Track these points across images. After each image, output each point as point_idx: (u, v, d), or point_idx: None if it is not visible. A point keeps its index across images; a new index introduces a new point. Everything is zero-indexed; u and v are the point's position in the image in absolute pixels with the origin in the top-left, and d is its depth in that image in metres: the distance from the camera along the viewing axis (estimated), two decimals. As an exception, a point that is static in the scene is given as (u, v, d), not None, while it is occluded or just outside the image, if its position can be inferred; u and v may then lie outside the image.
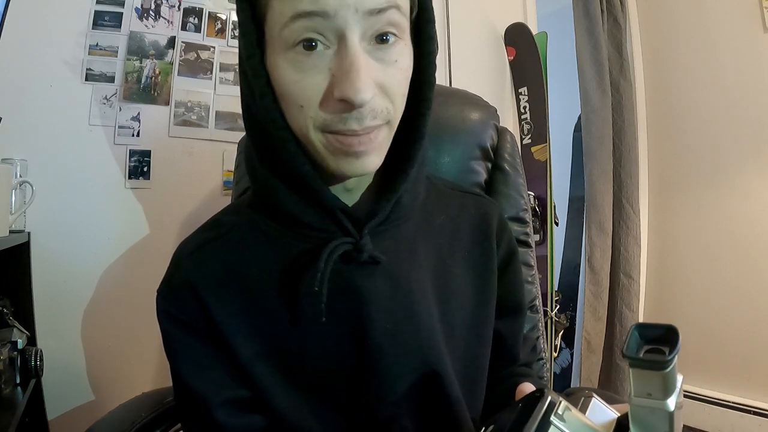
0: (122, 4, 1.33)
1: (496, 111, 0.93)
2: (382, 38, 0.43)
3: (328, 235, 0.51)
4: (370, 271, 0.51)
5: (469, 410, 0.55)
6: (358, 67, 0.41)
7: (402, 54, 0.45)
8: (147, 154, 1.36)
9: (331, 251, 0.48)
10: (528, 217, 0.88)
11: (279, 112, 0.46)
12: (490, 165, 0.88)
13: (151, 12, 1.37)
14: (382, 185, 0.53)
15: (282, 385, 0.51)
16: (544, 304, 1.67)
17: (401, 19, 0.44)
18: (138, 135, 1.35)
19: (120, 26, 1.33)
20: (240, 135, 1.43)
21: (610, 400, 0.37)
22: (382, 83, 0.44)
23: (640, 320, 2.00)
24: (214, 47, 1.43)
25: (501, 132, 0.89)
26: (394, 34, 0.43)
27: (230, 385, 0.51)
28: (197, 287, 0.51)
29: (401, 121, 0.48)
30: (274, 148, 0.48)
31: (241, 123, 1.45)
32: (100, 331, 1.31)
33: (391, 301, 0.51)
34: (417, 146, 0.50)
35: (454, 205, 0.61)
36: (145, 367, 1.35)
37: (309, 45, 0.42)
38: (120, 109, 1.33)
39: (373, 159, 0.47)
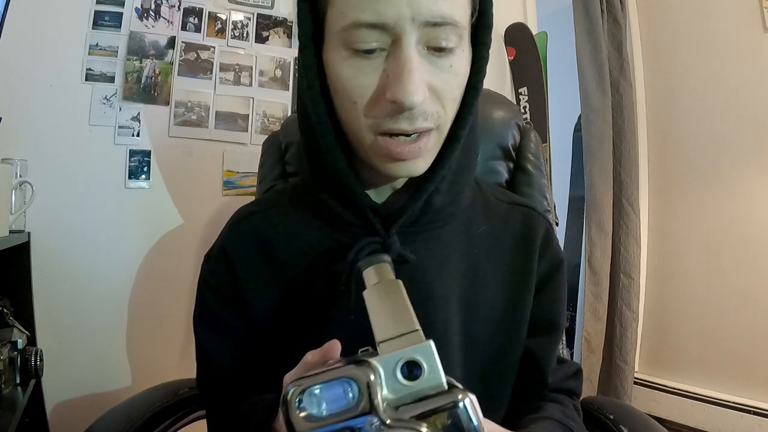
0: (122, 4, 1.33)
1: (519, 110, 0.90)
2: (437, 47, 0.43)
3: (360, 231, 0.52)
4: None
5: None
6: (410, 69, 0.41)
7: (458, 60, 0.45)
8: (147, 154, 1.36)
9: (357, 251, 0.49)
10: (552, 218, 0.84)
11: (323, 105, 0.48)
12: (512, 165, 0.84)
13: (151, 12, 1.37)
14: (416, 184, 0.52)
15: (289, 360, 0.52)
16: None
17: (458, 31, 0.43)
18: (138, 135, 1.35)
19: (120, 26, 1.33)
20: (240, 135, 1.44)
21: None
22: (434, 87, 0.44)
23: (641, 320, 2.00)
24: (214, 47, 1.43)
25: (524, 131, 0.86)
26: (451, 44, 0.43)
27: (240, 355, 0.56)
28: (229, 254, 0.56)
29: None
30: (315, 140, 0.50)
31: (240, 123, 1.46)
32: (100, 330, 1.31)
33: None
34: (451, 149, 0.50)
35: (499, 216, 0.59)
36: (145, 366, 1.35)
37: (368, 50, 0.43)
38: (120, 109, 1.33)
39: (420, 163, 0.48)
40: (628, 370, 1.88)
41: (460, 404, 0.26)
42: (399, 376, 0.28)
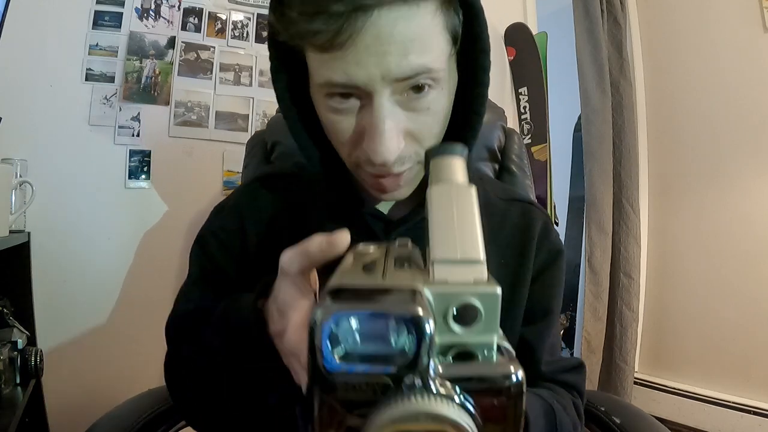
0: (122, 4, 1.33)
1: (504, 112, 0.93)
2: (413, 89, 0.43)
3: (361, 231, 0.53)
4: None
5: None
6: (381, 131, 0.42)
7: (436, 99, 0.44)
8: (147, 154, 1.36)
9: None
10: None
11: (305, 132, 0.50)
12: (497, 166, 0.87)
13: (151, 12, 1.37)
14: (420, 195, 0.54)
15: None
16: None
17: (434, 74, 0.43)
18: (138, 135, 1.35)
19: (120, 26, 1.33)
20: (240, 135, 1.44)
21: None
22: (412, 131, 0.44)
23: (641, 320, 2.00)
24: (214, 47, 1.43)
25: (508, 133, 0.89)
26: (428, 85, 0.43)
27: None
28: (242, 214, 0.57)
29: (447, 139, 0.49)
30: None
31: (240, 123, 1.46)
32: (100, 330, 1.31)
33: None
34: None
35: (496, 214, 0.60)
36: (145, 366, 1.34)
37: (345, 102, 0.43)
38: (120, 109, 1.33)
39: (403, 191, 0.49)
40: (628, 370, 1.88)
41: (513, 378, 0.22)
42: (450, 318, 0.23)
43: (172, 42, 1.39)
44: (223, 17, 1.45)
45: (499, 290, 0.23)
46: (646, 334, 2.04)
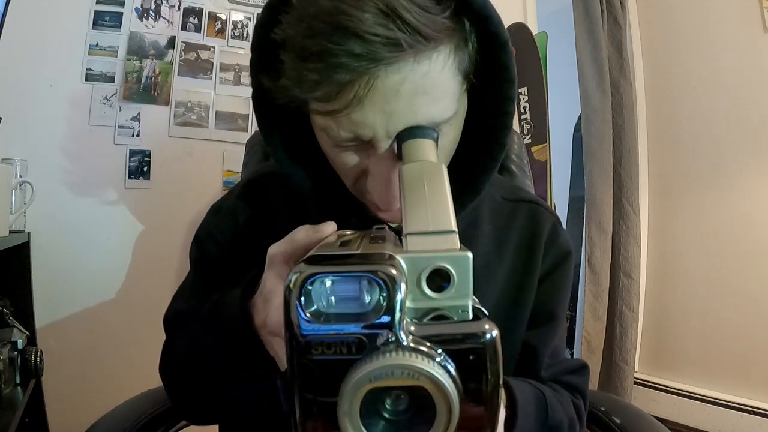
0: (122, 4, 1.34)
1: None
2: None
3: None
4: None
5: None
6: (384, 179, 0.42)
7: (444, 136, 0.43)
8: (147, 154, 1.36)
9: None
10: None
11: (287, 156, 0.49)
12: None
13: (151, 12, 1.37)
14: None
15: None
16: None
17: (441, 123, 0.41)
18: (138, 135, 1.35)
19: (120, 26, 1.33)
20: (240, 135, 1.44)
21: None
22: None
23: (641, 320, 2.00)
24: (214, 47, 1.43)
25: None
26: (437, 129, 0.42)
27: None
28: (237, 216, 0.57)
29: (466, 164, 0.48)
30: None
31: (240, 123, 1.46)
32: (100, 330, 1.31)
33: None
34: (470, 198, 0.50)
35: (503, 216, 0.59)
36: (145, 366, 1.34)
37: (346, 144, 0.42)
38: (120, 109, 1.33)
39: None
40: (628, 370, 1.88)
41: (488, 336, 0.22)
42: (424, 283, 0.23)
43: (172, 42, 1.39)
44: (223, 17, 1.45)
45: (470, 254, 0.23)
46: (646, 334, 2.04)
